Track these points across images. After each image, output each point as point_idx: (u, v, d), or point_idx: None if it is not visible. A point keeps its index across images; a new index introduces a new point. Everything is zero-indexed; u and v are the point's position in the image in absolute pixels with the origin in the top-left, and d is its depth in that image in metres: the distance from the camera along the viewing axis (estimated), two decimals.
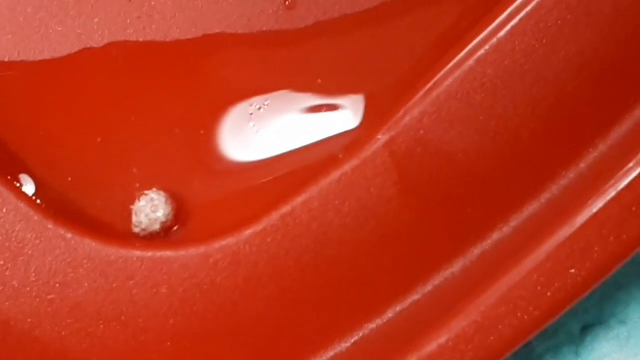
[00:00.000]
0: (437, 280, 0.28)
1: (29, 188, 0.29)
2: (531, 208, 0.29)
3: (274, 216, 0.28)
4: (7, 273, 0.28)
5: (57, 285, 0.28)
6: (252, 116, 0.30)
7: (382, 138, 0.28)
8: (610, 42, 0.28)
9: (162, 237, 0.29)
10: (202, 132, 0.29)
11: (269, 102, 0.30)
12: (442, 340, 0.27)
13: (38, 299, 0.28)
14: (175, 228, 0.29)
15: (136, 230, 0.29)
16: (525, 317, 0.26)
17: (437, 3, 0.29)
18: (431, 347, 0.27)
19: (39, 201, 0.28)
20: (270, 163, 0.29)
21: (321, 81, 0.29)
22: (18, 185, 0.28)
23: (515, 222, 0.29)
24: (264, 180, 0.29)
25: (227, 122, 0.30)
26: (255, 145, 0.30)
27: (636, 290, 0.30)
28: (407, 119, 0.28)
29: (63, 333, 0.28)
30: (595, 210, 0.27)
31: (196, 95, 0.30)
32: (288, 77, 0.30)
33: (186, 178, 0.29)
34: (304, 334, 0.28)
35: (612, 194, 0.27)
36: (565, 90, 0.28)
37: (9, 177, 0.28)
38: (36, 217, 0.28)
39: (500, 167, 0.28)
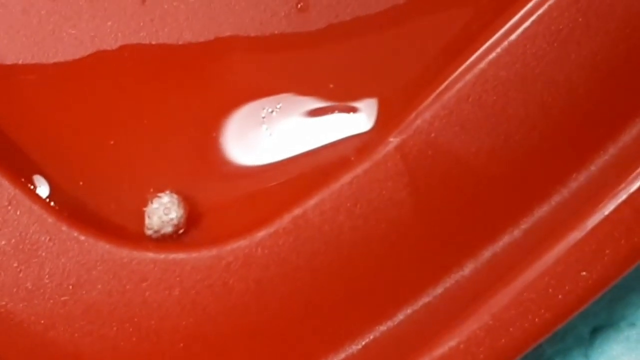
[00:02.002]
0: (448, 282, 0.28)
1: (43, 190, 0.29)
2: (542, 211, 0.28)
3: (286, 218, 0.28)
4: (21, 275, 0.28)
5: (71, 287, 0.28)
6: (265, 119, 0.30)
7: (393, 141, 0.28)
8: (621, 45, 0.28)
9: (174, 239, 0.29)
10: (214, 134, 0.29)
11: (280, 105, 0.30)
12: (453, 342, 0.27)
13: (51, 301, 0.28)
14: (188, 230, 0.29)
15: (149, 232, 0.29)
16: (536, 319, 0.26)
17: (449, 6, 0.29)
18: (442, 349, 0.27)
19: (52, 203, 0.28)
20: (281, 165, 0.29)
21: (333, 86, 0.29)
22: (32, 187, 0.29)
23: (525, 224, 0.28)
24: (276, 183, 0.29)
25: (240, 125, 0.30)
26: (267, 147, 0.30)
27: None
28: (419, 121, 0.28)
29: (76, 335, 0.28)
30: (606, 212, 0.27)
31: (208, 98, 0.30)
32: (300, 80, 0.30)
33: (199, 180, 0.29)
34: (314, 336, 0.28)
35: (623, 196, 0.27)
36: (576, 93, 0.28)
37: (23, 180, 0.28)
38: (50, 220, 0.28)
39: (511, 170, 0.28)
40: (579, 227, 0.27)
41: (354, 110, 0.30)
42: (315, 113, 0.30)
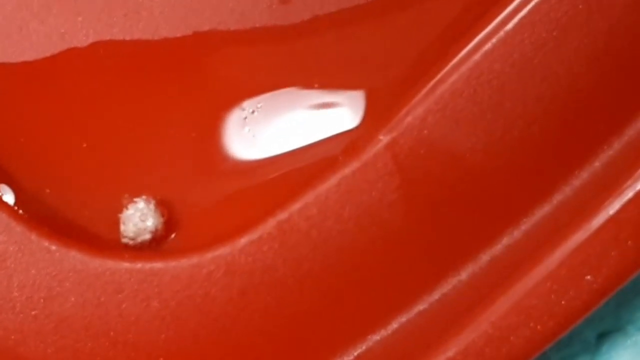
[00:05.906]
0: (445, 288, 0.28)
1: (8, 198, 0.28)
2: (543, 211, 0.28)
3: (270, 223, 0.27)
4: None
5: (42, 300, 0.27)
6: (246, 120, 0.29)
7: (383, 139, 0.27)
8: (625, 34, 0.27)
9: (152, 247, 0.28)
10: (193, 135, 0.29)
11: (262, 104, 0.29)
12: (450, 353, 0.26)
13: (21, 315, 0.27)
14: (167, 237, 0.28)
15: (125, 240, 0.28)
16: (539, 327, 0.26)
17: None
18: None
19: (20, 211, 0.28)
20: (265, 168, 0.29)
21: (318, 81, 0.29)
22: None
23: (526, 225, 0.28)
24: (260, 186, 0.29)
25: (221, 126, 0.29)
26: (250, 149, 0.29)
27: None
28: (410, 118, 0.27)
29: (48, 350, 0.27)
30: (611, 212, 0.26)
31: (187, 97, 0.29)
32: (284, 76, 0.29)
33: (177, 184, 0.29)
34: (303, 347, 0.28)
35: (629, 194, 0.26)
36: (577, 85, 0.27)
37: None
38: (18, 229, 0.27)
39: (510, 168, 0.28)
40: (582, 228, 0.26)
41: (340, 107, 0.29)
42: (299, 111, 0.29)
